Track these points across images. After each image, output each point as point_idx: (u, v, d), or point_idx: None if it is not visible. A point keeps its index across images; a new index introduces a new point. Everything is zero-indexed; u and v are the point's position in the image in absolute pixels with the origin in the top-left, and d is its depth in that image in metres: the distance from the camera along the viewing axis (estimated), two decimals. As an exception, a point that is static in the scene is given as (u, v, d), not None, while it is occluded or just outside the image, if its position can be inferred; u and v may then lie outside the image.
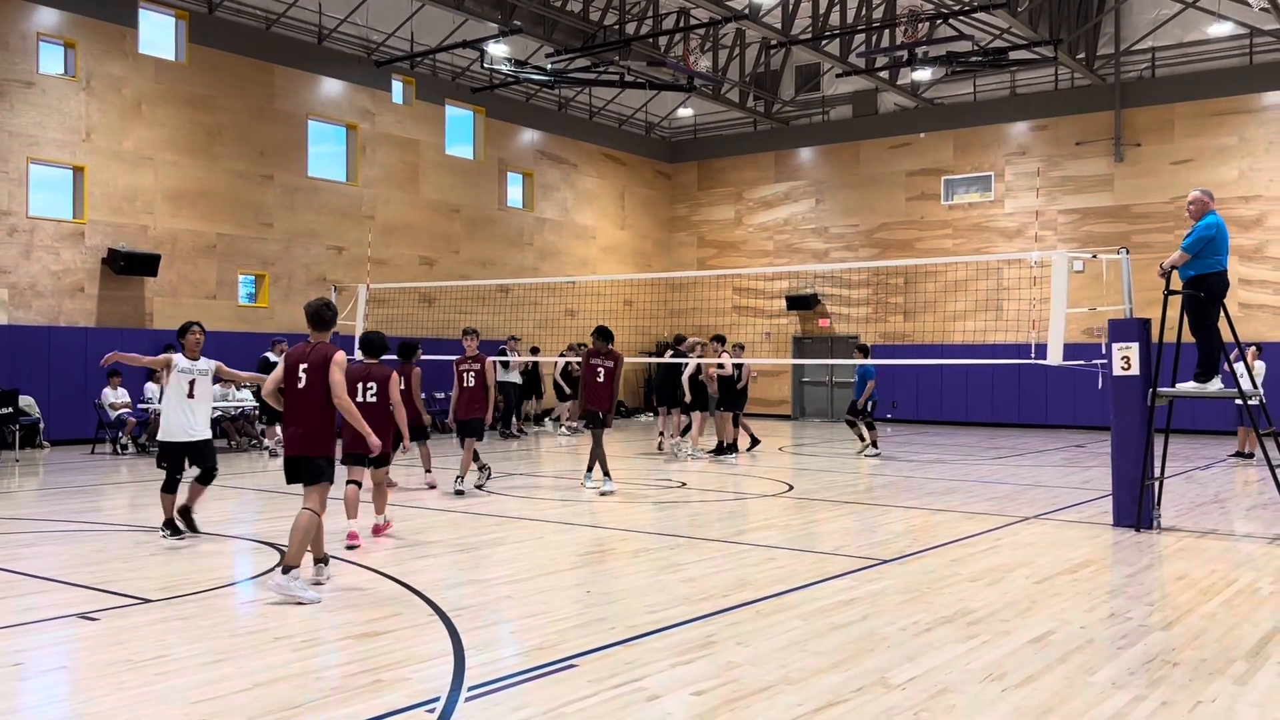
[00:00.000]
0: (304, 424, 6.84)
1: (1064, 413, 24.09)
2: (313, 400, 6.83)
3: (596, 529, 9.78)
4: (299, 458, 6.87)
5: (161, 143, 19.75)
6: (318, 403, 6.81)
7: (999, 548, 8.80)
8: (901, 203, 27.43)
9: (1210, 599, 6.89)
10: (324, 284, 21.61)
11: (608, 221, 29.49)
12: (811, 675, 5.14)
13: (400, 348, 11.85)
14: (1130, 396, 9.89)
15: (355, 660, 5.36)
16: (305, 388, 6.84)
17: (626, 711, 4.62)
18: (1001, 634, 5.95)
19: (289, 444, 6.92)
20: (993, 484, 13.65)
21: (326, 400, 6.81)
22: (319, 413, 6.83)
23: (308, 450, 6.84)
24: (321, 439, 6.85)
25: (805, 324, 28.69)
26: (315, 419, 6.82)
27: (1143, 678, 5.15)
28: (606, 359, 12.25)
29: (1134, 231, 23.99)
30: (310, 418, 6.83)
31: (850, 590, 7.10)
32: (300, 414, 6.87)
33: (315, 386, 6.82)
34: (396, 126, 23.94)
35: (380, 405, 9.00)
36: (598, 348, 12.36)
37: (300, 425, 6.86)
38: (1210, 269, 9.53)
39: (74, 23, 18.64)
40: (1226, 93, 23.45)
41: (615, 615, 6.35)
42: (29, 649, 5.57)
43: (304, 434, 6.84)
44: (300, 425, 6.86)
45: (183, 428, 8.95)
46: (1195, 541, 9.15)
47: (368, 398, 8.97)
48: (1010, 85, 26.28)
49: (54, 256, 18.32)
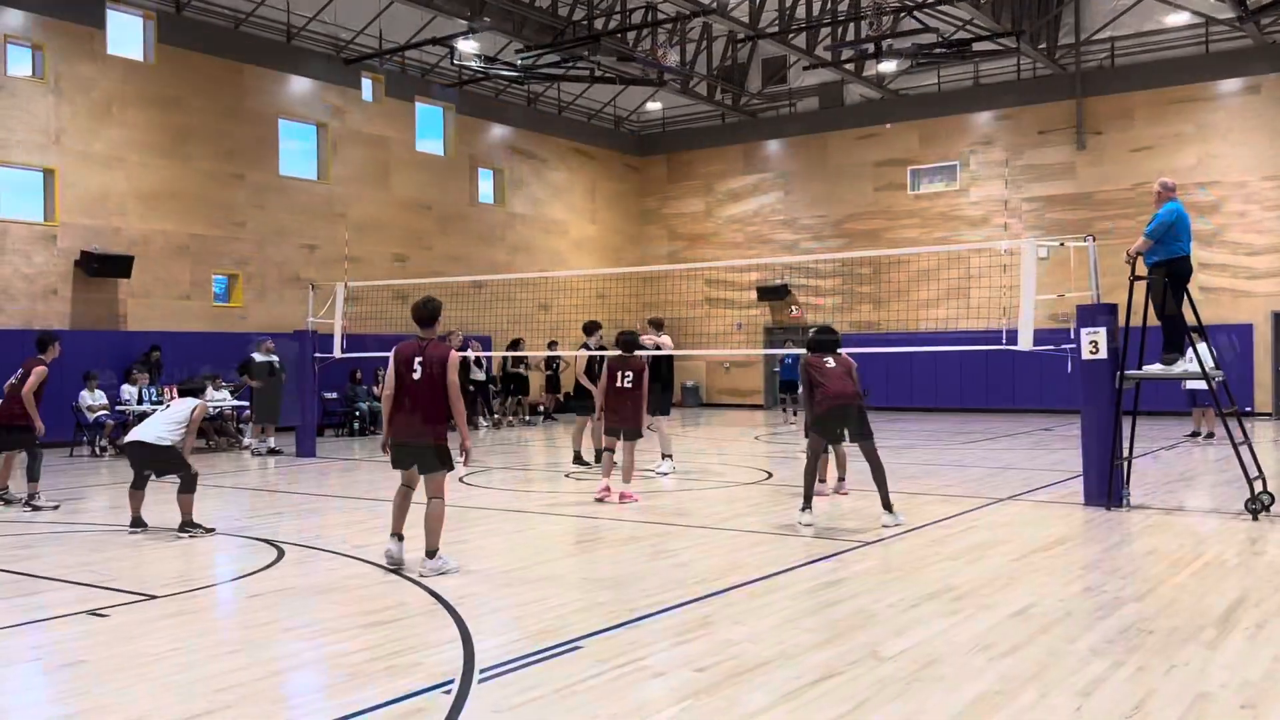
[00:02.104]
0: (421, 415, 7.29)
1: (1031, 397, 24.55)
2: (425, 392, 7.29)
3: (585, 519, 9.99)
4: (412, 446, 7.36)
5: (132, 144, 19.70)
6: (433, 394, 7.28)
7: (976, 528, 9.11)
8: (869, 193, 27.79)
9: (1180, 571, 7.21)
10: (298, 283, 21.62)
11: (578, 216, 29.64)
12: (806, 650, 5.39)
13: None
14: (1099, 380, 10.23)
15: (367, 648, 5.54)
16: (421, 379, 7.31)
17: (634, 688, 4.84)
18: (984, 608, 6.22)
19: (398, 432, 7.39)
20: (966, 467, 13.99)
21: (440, 393, 7.28)
22: (434, 403, 7.29)
23: (422, 439, 7.30)
24: (437, 429, 7.31)
25: (776, 314, 29.00)
26: (430, 409, 7.30)
27: (1120, 645, 5.43)
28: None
29: (1097, 218, 24.47)
30: (424, 408, 7.29)
31: (837, 571, 7.36)
32: (416, 404, 7.31)
33: (429, 380, 7.29)
34: (366, 124, 23.96)
35: (636, 390, 10.90)
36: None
37: (415, 416, 7.30)
38: (1173, 254, 9.89)
39: (41, 24, 18.54)
40: (1184, 81, 23.98)
41: (614, 599, 6.56)
42: (45, 644, 5.71)
43: (418, 422, 7.30)
44: (415, 416, 7.30)
45: None
46: (1164, 518, 9.50)
47: (625, 383, 10.93)
48: (974, 76, 26.69)
49: (26, 259, 18.24)
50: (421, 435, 7.32)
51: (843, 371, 9.41)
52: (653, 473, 13.09)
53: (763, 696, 4.69)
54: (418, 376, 7.33)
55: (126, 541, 8.93)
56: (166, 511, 9.51)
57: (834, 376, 9.34)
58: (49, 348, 11.17)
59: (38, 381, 10.82)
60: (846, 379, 9.37)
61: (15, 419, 10.92)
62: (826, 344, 9.66)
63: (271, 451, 16.77)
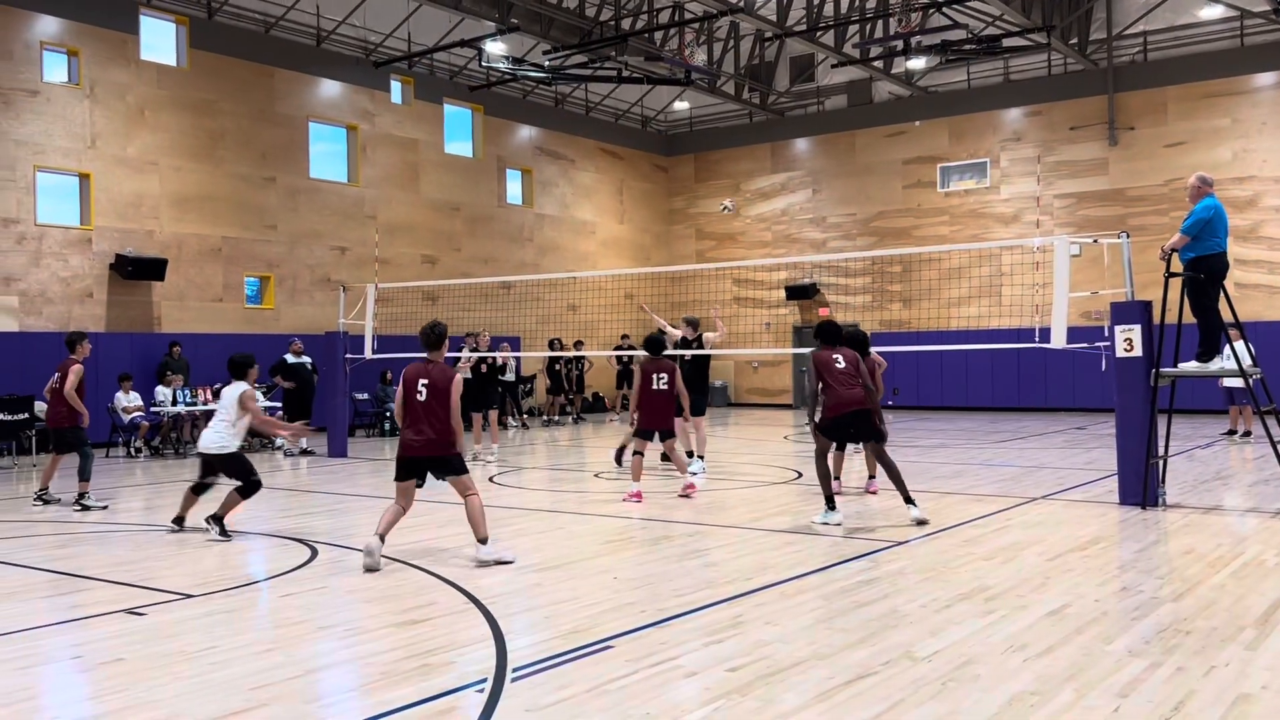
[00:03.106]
0: (431, 430, 7.70)
1: (1064, 395, 24.34)
2: (433, 412, 7.71)
3: (615, 519, 9.99)
4: (429, 459, 7.79)
5: (165, 148, 19.91)
6: (439, 414, 7.69)
7: (1009, 527, 9.03)
8: (898, 191, 27.64)
9: (1218, 571, 7.12)
10: (329, 284, 21.80)
11: (606, 216, 29.67)
12: (839, 650, 5.36)
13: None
14: (1133, 378, 10.12)
15: (400, 647, 5.57)
16: (427, 400, 7.72)
17: (666, 687, 4.83)
18: (1019, 608, 6.17)
19: (408, 448, 7.79)
20: (998, 467, 13.88)
21: (445, 412, 7.70)
22: (440, 422, 7.72)
23: (431, 451, 7.75)
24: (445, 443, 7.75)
25: (805, 313, 28.91)
26: (437, 427, 7.73)
27: (1157, 646, 5.37)
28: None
29: (1130, 215, 24.23)
30: (433, 424, 7.71)
31: (869, 571, 7.32)
32: (424, 421, 7.72)
33: (433, 401, 7.70)
34: (396, 126, 24.10)
35: (670, 392, 11.15)
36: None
37: (426, 432, 7.71)
38: (1209, 250, 9.76)
39: (77, 31, 18.78)
40: (1219, 74, 23.67)
41: (644, 599, 6.56)
42: (85, 643, 5.77)
43: (426, 439, 7.72)
44: (426, 432, 7.71)
45: None
46: (1200, 517, 9.38)
47: (660, 386, 11.12)
48: (1004, 72, 26.49)
49: (62, 263, 18.49)
50: (430, 449, 7.72)
51: (851, 371, 9.30)
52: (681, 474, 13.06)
53: (795, 697, 4.67)
54: (423, 398, 7.71)
55: (163, 541, 9.03)
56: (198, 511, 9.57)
57: (843, 379, 9.24)
58: (78, 346, 11.42)
59: (77, 379, 11.10)
60: (855, 380, 9.28)
61: (62, 420, 11.21)
62: (833, 335, 9.57)
63: (304, 452, 16.90)
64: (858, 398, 9.21)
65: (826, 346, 9.52)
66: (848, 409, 9.19)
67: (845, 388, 9.21)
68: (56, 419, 11.32)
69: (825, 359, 9.35)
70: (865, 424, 9.33)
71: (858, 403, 9.20)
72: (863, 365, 9.50)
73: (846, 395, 9.19)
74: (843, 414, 9.21)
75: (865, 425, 9.34)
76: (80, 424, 11.26)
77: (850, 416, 9.23)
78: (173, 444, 17.25)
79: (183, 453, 17.05)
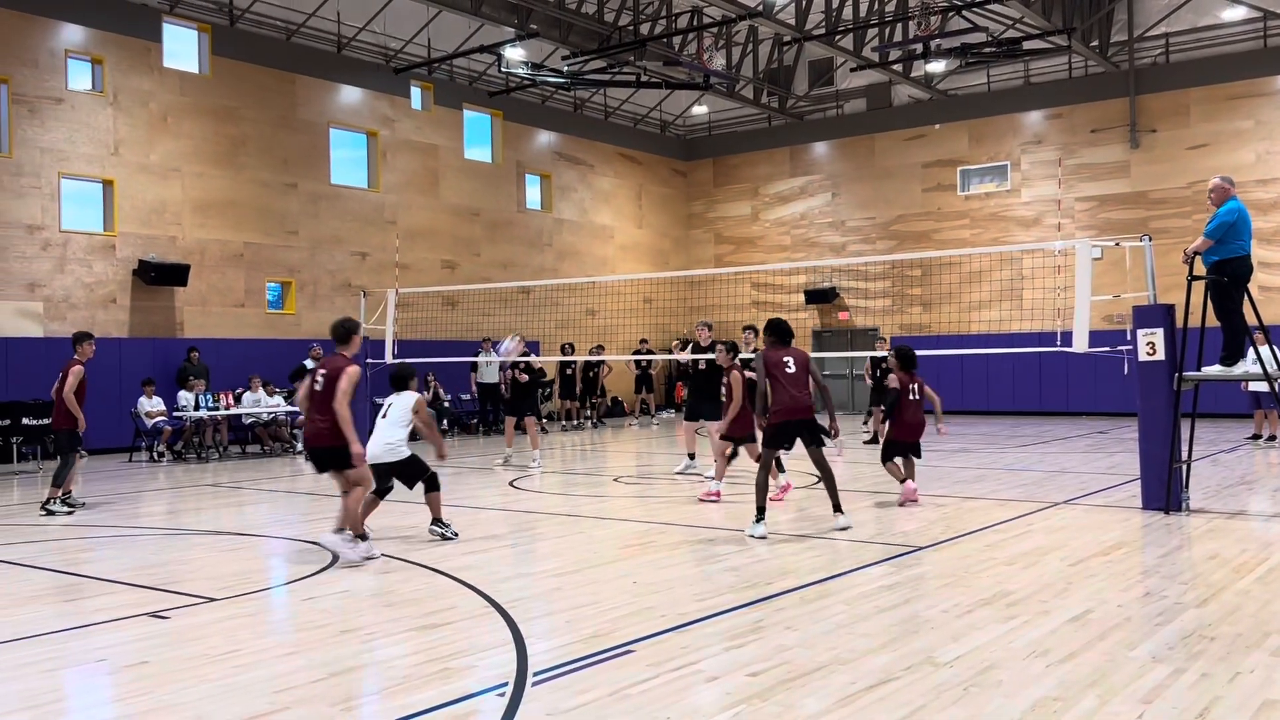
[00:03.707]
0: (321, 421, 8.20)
1: (1085, 399, 24.17)
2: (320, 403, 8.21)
3: (634, 523, 10.00)
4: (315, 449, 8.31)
5: (188, 154, 20.07)
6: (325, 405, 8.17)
7: (1031, 532, 8.98)
8: (918, 194, 27.55)
9: (1243, 577, 7.06)
10: (349, 289, 21.91)
11: (625, 220, 29.70)
12: (861, 656, 5.35)
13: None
14: (1156, 381, 10.05)
15: (421, 650, 5.59)
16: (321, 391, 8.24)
17: (687, 692, 4.83)
18: (1041, 614, 6.14)
19: (305, 438, 8.49)
20: (1019, 471, 13.81)
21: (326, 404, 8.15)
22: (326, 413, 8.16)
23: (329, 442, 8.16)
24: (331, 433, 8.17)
25: (824, 317, 28.84)
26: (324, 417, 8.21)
27: (1181, 652, 5.33)
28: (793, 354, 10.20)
29: (1151, 217, 24.06)
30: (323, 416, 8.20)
31: (890, 576, 7.30)
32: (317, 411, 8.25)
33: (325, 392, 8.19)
34: (416, 132, 24.20)
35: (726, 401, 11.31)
36: None
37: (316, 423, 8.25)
38: (1233, 254, 9.67)
39: (101, 39, 18.96)
40: (1242, 76, 23.49)
41: (664, 604, 6.56)
42: (109, 646, 5.82)
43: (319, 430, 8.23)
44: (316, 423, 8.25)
45: None
46: (1225, 522, 9.30)
47: None
48: (1024, 74, 26.37)
49: (86, 269, 18.65)
50: (318, 439, 8.18)
51: (803, 375, 8.91)
52: (701, 477, 13.06)
53: (817, 702, 4.66)
54: (319, 388, 8.21)
55: (185, 545, 9.10)
56: (221, 515, 9.68)
57: (792, 383, 8.84)
58: (79, 346, 11.39)
59: (75, 381, 11.05)
60: (804, 384, 8.91)
61: (60, 422, 11.18)
62: (785, 334, 9.13)
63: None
64: (807, 404, 8.84)
65: (778, 346, 9.07)
66: (794, 416, 8.81)
67: (795, 390, 8.82)
68: (56, 420, 11.33)
69: (776, 359, 8.90)
70: (812, 432, 8.91)
71: (806, 411, 8.83)
72: (813, 366, 9.05)
73: (791, 399, 8.80)
74: (790, 420, 8.83)
75: (810, 430, 8.91)
76: (75, 428, 11.14)
77: (797, 425, 8.87)
78: (195, 448, 17.36)
79: (205, 457, 17.17)
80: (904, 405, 11.01)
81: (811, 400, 8.96)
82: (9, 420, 16.33)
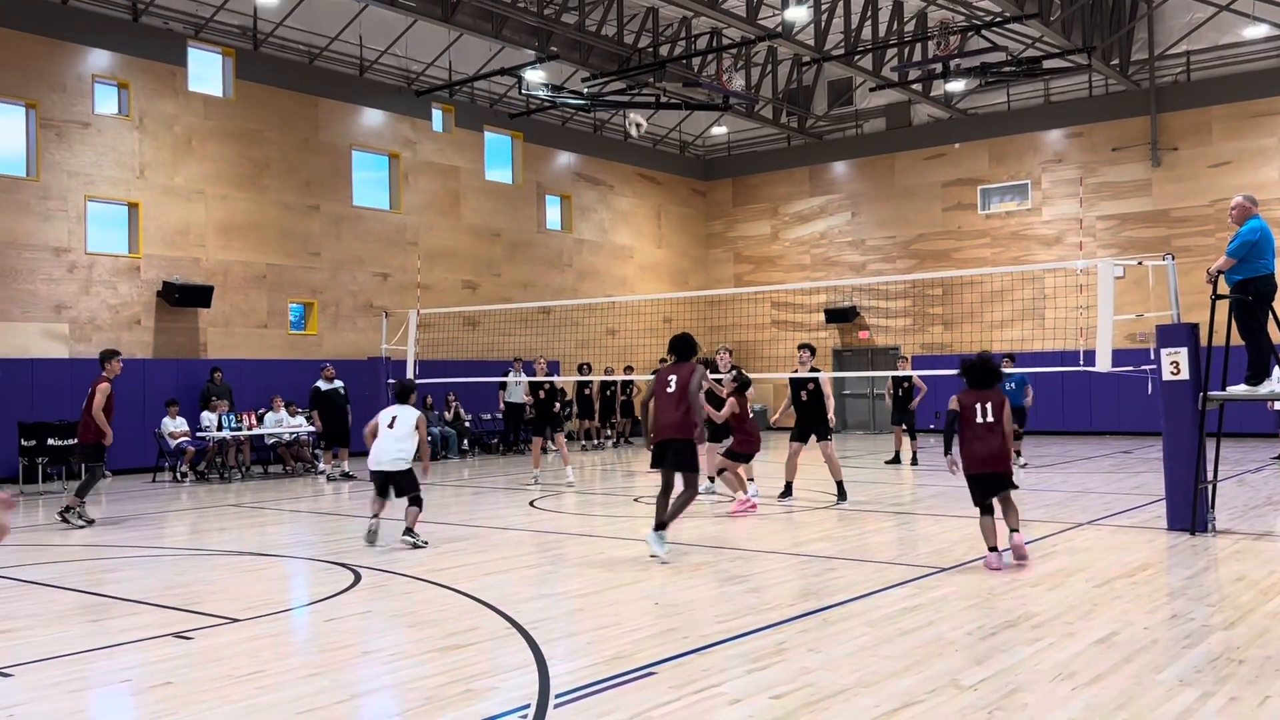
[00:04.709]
0: None
1: (1109, 419, 23.99)
2: None
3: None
4: None
5: (212, 177, 20.28)
6: None
7: (1056, 553, 8.91)
8: (938, 213, 27.51)
9: (1271, 599, 6.98)
10: (371, 310, 22.04)
11: (645, 240, 29.78)
12: (885, 678, 5.31)
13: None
14: (1181, 401, 9.98)
15: (444, 671, 5.59)
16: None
17: (710, 715, 4.81)
18: (1066, 636, 6.09)
19: None
20: (1043, 491, 13.71)
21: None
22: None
23: None
24: None
25: (845, 336, 28.79)
26: None
27: (1209, 675, 5.27)
28: None
29: (1173, 236, 23.94)
30: None
31: (913, 598, 7.26)
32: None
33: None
34: (437, 154, 24.37)
35: None
36: None
37: None
38: (1257, 272, 9.62)
39: (127, 64, 19.21)
40: (1264, 94, 23.37)
41: (686, 625, 6.54)
42: (134, 666, 5.85)
43: None
44: None
45: None
46: (1252, 543, 9.21)
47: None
48: (1044, 93, 26.33)
49: (112, 290, 18.84)
50: None
51: (679, 396, 8.81)
52: (721, 499, 13.03)
53: (840, 725, 4.64)
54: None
55: (208, 566, 9.14)
56: (244, 536, 9.73)
57: (667, 405, 8.85)
58: (107, 364, 11.75)
59: (103, 399, 11.40)
60: (677, 406, 8.79)
61: (87, 436, 11.53)
62: (683, 350, 9.08)
63: (345, 476, 17.04)
64: (673, 421, 8.80)
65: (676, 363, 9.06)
66: (663, 435, 8.85)
67: (665, 411, 8.83)
68: (82, 435, 11.67)
69: (662, 378, 9.01)
70: (676, 450, 8.84)
71: (671, 428, 8.81)
72: (692, 385, 8.85)
73: (664, 418, 8.84)
74: (661, 440, 8.88)
75: (675, 453, 8.85)
76: (103, 441, 11.53)
77: (663, 445, 8.89)
78: (217, 469, 17.46)
79: (227, 478, 17.26)
80: (968, 433, 8.54)
81: (679, 422, 8.79)
82: (35, 441, 16.48)
